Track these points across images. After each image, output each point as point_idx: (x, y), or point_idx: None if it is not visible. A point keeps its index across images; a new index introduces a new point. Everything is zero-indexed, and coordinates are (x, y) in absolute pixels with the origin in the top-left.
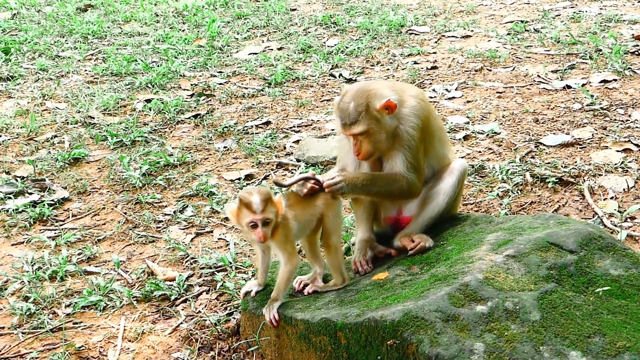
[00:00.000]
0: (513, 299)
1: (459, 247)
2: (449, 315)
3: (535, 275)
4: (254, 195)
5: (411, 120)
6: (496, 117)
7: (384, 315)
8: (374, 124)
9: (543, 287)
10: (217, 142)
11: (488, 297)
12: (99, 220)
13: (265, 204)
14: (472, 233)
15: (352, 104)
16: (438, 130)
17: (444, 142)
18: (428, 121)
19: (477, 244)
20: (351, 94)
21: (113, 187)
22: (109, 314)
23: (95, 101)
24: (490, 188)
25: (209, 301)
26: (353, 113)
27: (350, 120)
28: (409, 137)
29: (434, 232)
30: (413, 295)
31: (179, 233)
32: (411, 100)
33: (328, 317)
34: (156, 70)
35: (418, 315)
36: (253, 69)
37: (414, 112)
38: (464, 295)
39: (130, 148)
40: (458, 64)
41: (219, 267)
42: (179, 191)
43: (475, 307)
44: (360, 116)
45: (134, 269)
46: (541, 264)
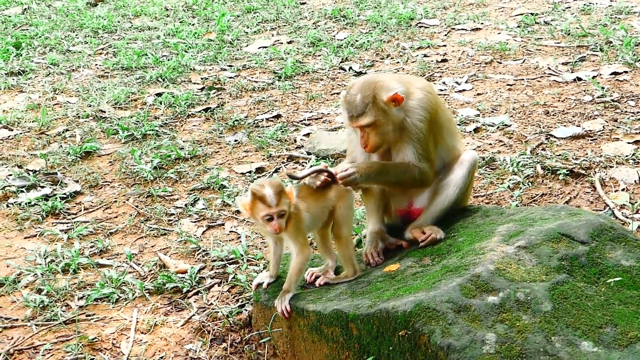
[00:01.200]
0: (524, 289)
1: (470, 239)
2: (460, 306)
3: (546, 266)
4: (267, 188)
5: (418, 112)
6: (506, 110)
7: (395, 306)
8: (381, 115)
9: (554, 278)
10: (227, 136)
11: (499, 287)
12: (110, 213)
13: (279, 197)
14: (483, 225)
15: (358, 96)
16: (447, 122)
17: (453, 134)
18: (436, 113)
19: (488, 236)
20: (358, 86)
21: (124, 181)
22: (121, 306)
23: (106, 95)
24: (501, 180)
25: (221, 293)
26: (360, 105)
27: (357, 112)
28: (416, 129)
29: (444, 224)
30: (424, 287)
31: (190, 226)
32: (418, 93)
33: (340, 308)
34: (166, 64)
35: (430, 306)
36: (263, 62)
37: (421, 104)
38: (475, 286)
39: (142, 142)
40: (468, 57)
41: (231, 259)
42: (190, 184)
43: (486, 297)
44: (367, 108)
45: (146, 262)
46: (552, 254)
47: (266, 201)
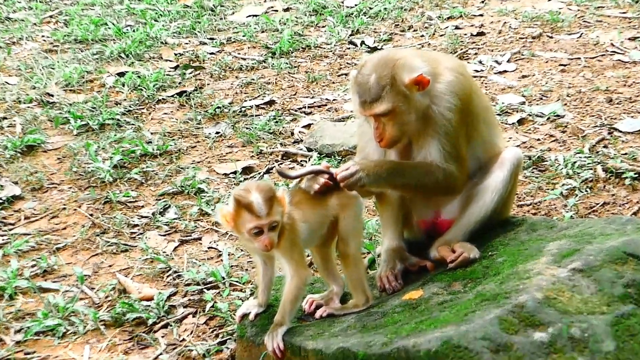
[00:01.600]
0: (581, 324)
1: (511, 259)
2: (499, 344)
3: (608, 294)
4: (255, 194)
5: (447, 99)
6: (559, 96)
7: (417, 344)
8: (401, 101)
9: (618, 310)
10: (207, 127)
11: (549, 321)
12: (58, 223)
13: (270, 204)
14: (528, 241)
15: (373, 77)
16: (483, 111)
17: (492, 126)
18: (469, 100)
19: (535, 255)
20: (372, 64)
21: (76, 183)
22: (69, 341)
23: (55, 75)
24: (552, 185)
25: (196, 326)
26: (375, 88)
27: (371, 96)
28: (444, 120)
29: (480, 239)
30: (454, 319)
31: (158, 240)
32: (447, 74)
33: (347, 346)
34: (131, 37)
35: (460, 344)
36: (253, 34)
37: (450, 88)
38: (518, 319)
39: (99, 133)
40: (511, 30)
41: (209, 283)
42: (159, 188)
43: (532, 334)
44: (384, 91)
45: (102, 286)
46: (616, 280)
47: (254, 210)
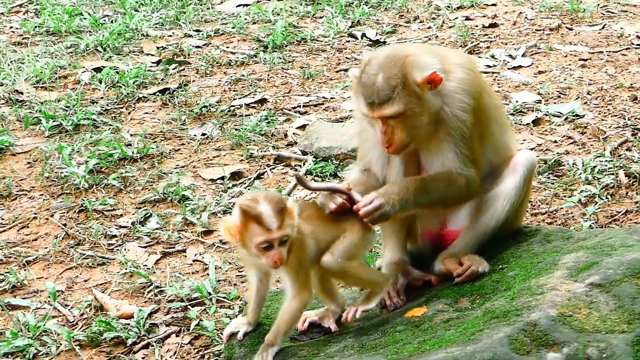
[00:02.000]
0: (598, 343)
1: (524, 273)
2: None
3: (629, 311)
4: (264, 204)
5: (460, 98)
6: (579, 94)
7: None
8: (414, 102)
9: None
10: (192, 128)
11: (564, 340)
12: (28, 234)
13: (281, 216)
14: (542, 253)
15: (381, 76)
16: (495, 110)
17: (504, 127)
18: (481, 98)
19: (549, 269)
20: (379, 62)
21: (48, 189)
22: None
23: (25, 70)
24: (569, 192)
25: (180, 346)
26: (384, 88)
27: (380, 97)
28: (458, 122)
29: (490, 251)
30: (460, 339)
31: (138, 252)
32: (458, 72)
33: None
34: (109, 28)
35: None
36: (243, 26)
37: (462, 87)
38: (530, 339)
39: (73, 135)
40: (527, 21)
41: (194, 299)
42: (139, 195)
43: (546, 354)
44: (395, 92)
45: (77, 302)
46: (638, 295)
47: (264, 223)
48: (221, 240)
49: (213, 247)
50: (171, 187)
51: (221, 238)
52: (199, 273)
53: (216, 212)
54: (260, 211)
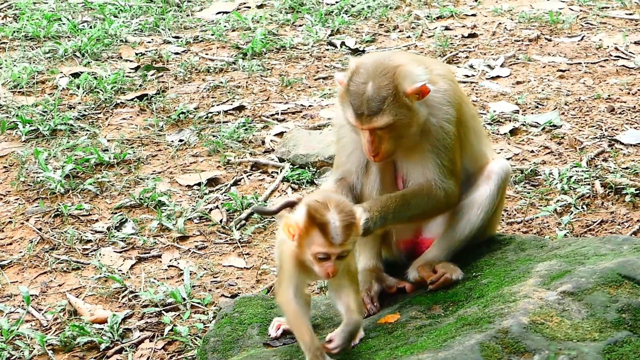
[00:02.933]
0: (570, 351)
1: (497, 281)
2: None
3: (601, 319)
4: (333, 214)
5: (445, 110)
6: (556, 105)
7: None
8: (403, 113)
9: (611, 337)
10: (170, 134)
11: (535, 348)
12: (3, 238)
13: (348, 232)
14: (516, 261)
15: (370, 86)
16: (472, 119)
17: (481, 135)
18: (461, 110)
19: (522, 277)
20: (367, 71)
21: (24, 194)
22: None
23: (2, 75)
24: (545, 201)
25: (153, 351)
26: (374, 99)
27: (370, 109)
28: (443, 133)
29: (464, 259)
30: (432, 345)
31: (113, 257)
32: (442, 83)
33: None
34: (88, 34)
35: None
36: (222, 33)
37: (447, 98)
38: (502, 346)
39: (50, 140)
40: (506, 31)
41: (168, 304)
42: (115, 200)
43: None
44: (385, 104)
45: (50, 307)
46: (610, 304)
47: (328, 234)
48: (197, 246)
49: (188, 253)
50: (147, 192)
51: (197, 244)
52: (174, 279)
53: (192, 218)
54: (327, 220)
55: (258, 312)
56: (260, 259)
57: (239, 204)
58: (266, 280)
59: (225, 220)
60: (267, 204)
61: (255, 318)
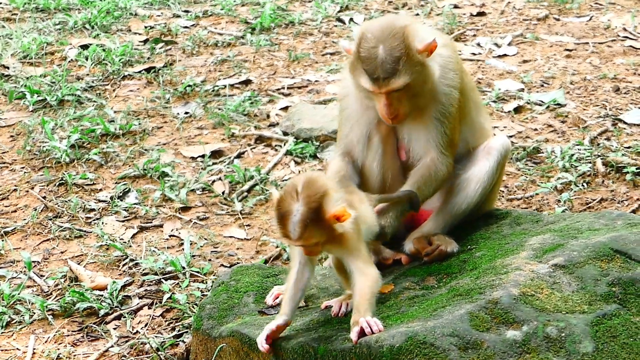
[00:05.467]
0: (558, 322)
1: (491, 254)
2: (468, 341)
3: (591, 292)
4: (298, 206)
5: (451, 75)
6: (562, 84)
7: (380, 340)
8: (418, 72)
9: (600, 309)
10: (176, 106)
11: (524, 319)
12: (8, 206)
13: (307, 230)
14: (511, 235)
15: (382, 49)
16: (471, 91)
17: (480, 107)
18: (463, 79)
19: (515, 250)
20: (376, 35)
21: (30, 162)
22: (13, 331)
23: (12, 45)
24: (546, 178)
25: (152, 318)
26: (388, 60)
27: (385, 71)
28: (447, 99)
29: (460, 233)
30: (422, 315)
31: (116, 226)
32: (444, 49)
33: (306, 341)
34: (98, 6)
35: (426, 341)
36: (232, 8)
37: (451, 64)
38: (491, 316)
39: (57, 110)
40: (514, 10)
41: (168, 273)
42: (119, 170)
43: (505, 331)
44: (400, 64)
45: (52, 273)
46: (600, 277)
47: (287, 228)
48: (198, 217)
49: (190, 223)
50: (151, 163)
51: (199, 215)
52: (174, 248)
53: (195, 189)
54: (286, 213)
55: (254, 280)
56: (261, 231)
57: (242, 176)
58: (265, 251)
59: (228, 192)
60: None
61: (252, 286)
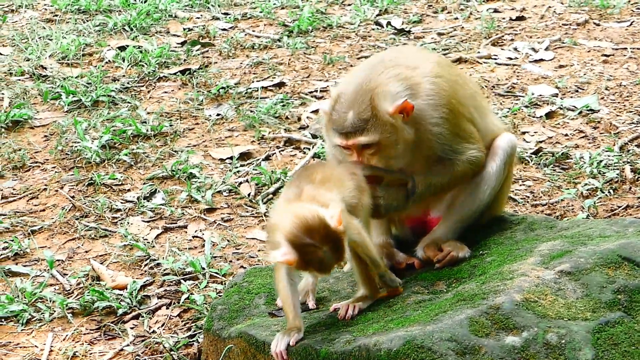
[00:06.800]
0: (559, 329)
1: (500, 259)
2: (466, 346)
3: (595, 299)
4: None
5: (431, 114)
6: (596, 89)
7: (378, 343)
8: (388, 132)
9: (604, 317)
10: (208, 108)
11: (524, 325)
12: (36, 204)
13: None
14: (523, 241)
15: (351, 113)
16: (470, 99)
17: (484, 111)
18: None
19: (524, 255)
20: (347, 98)
21: (61, 162)
22: (33, 328)
23: (52, 46)
24: (572, 185)
25: (169, 318)
26: (357, 122)
27: (354, 128)
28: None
29: (474, 238)
30: (423, 319)
31: (141, 226)
32: (425, 85)
33: (309, 343)
34: (138, 8)
35: (424, 345)
36: (271, 11)
37: (431, 101)
38: (491, 322)
39: (91, 111)
40: (555, 15)
41: (187, 274)
42: (148, 171)
43: (504, 337)
44: (369, 124)
45: (74, 272)
46: (606, 285)
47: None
48: (223, 218)
49: (214, 225)
50: (180, 164)
51: (223, 216)
52: (197, 249)
53: (221, 190)
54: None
55: (267, 282)
56: None
57: (268, 178)
58: None
59: (253, 194)
60: None
61: (263, 288)
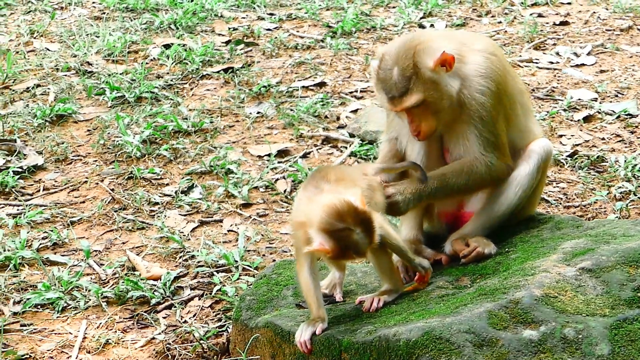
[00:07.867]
0: (577, 324)
1: (524, 256)
2: (484, 339)
3: (614, 296)
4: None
5: (477, 81)
6: (636, 94)
7: (398, 334)
8: (431, 88)
9: (622, 313)
10: (249, 106)
11: (542, 319)
12: (77, 196)
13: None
14: (549, 239)
15: (395, 70)
16: (519, 94)
17: (528, 110)
18: (504, 82)
19: (547, 253)
20: (391, 56)
21: (102, 156)
22: (68, 316)
23: (98, 43)
24: (606, 187)
25: (201, 309)
26: (400, 81)
27: (398, 91)
28: (477, 105)
29: (501, 235)
30: (443, 312)
31: (177, 220)
32: (476, 56)
33: (332, 333)
34: (185, 7)
35: (442, 336)
36: (316, 12)
37: (481, 70)
38: (510, 315)
39: (134, 106)
40: (599, 20)
41: (221, 266)
42: (187, 166)
43: (522, 331)
44: (411, 83)
45: (111, 262)
46: (626, 282)
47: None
48: (258, 214)
49: (249, 220)
50: (218, 160)
51: (259, 212)
52: (231, 242)
53: (258, 186)
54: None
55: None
56: None
57: (304, 175)
58: None
59: (289, 191)
60: None
61: (292, 280)
